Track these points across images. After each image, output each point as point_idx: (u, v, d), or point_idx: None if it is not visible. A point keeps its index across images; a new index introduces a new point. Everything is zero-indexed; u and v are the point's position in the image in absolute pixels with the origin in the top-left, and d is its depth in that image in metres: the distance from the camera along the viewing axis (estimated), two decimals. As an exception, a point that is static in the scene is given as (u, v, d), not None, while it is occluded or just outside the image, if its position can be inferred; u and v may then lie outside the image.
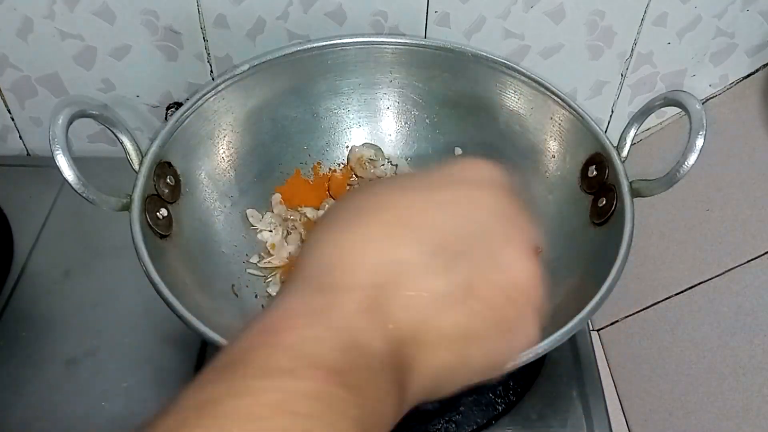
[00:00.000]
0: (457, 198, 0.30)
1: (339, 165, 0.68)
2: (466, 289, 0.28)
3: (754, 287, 0.60)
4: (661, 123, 0.77)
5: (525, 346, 0.30)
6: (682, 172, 0.50)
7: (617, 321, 0.70)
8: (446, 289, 0.28)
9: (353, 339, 0.25)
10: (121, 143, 0.51)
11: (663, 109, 0.55)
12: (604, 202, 0.56)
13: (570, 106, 0.58)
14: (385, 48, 0.63)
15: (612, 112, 0.76)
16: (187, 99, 0.58)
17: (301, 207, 0.65)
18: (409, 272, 0.27)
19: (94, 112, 0.49)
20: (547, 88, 0.60)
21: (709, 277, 0.64)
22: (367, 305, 0.26)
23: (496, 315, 0.29)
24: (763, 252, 0.61)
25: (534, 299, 0.29)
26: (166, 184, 0.55)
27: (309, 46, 0.61)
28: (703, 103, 0.50)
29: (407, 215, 0.29)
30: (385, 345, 0.26)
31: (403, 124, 0.68)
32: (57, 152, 0.46)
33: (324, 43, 0.62)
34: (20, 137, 0.75)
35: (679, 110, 0.52)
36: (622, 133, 0.55)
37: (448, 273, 0.28)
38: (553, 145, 0.61)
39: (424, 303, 0.27)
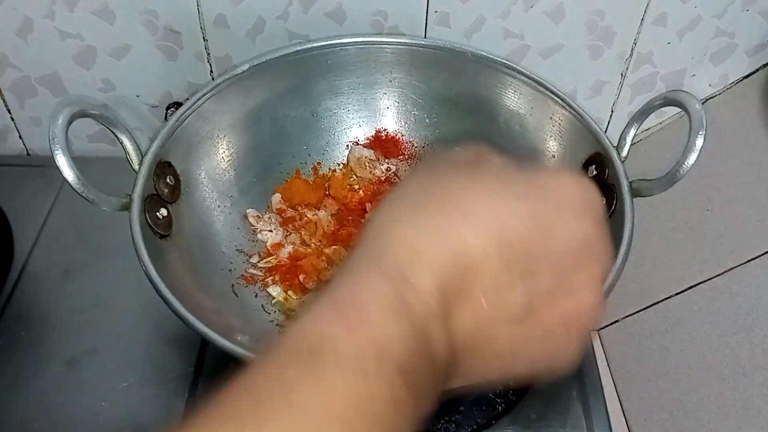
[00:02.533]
0: (543, 215, 0.29)
1: (339, 165, 0.68)
2: (528, 309, 0.28)
3: (754, 287, 0.60)
4: (661, 123, 0.77)
5: (565, 370, 0.30)
6: (682, 172, 0.50)
7: (617, 321, 0.70)
8: (509, 305, 0.28)
9: (423, 342, 0.25)
10: (121, 143, 0.51)
11: (663, 109, 0.55)
12: (603, 202, 0.55)
13: (570, 106, 0.58)
14: (385, 48, 0.63)
15: (612, 112, 0.76)
16: (187, 99, 0.58)
17: (301, 207, 0.65)
18: (475, 277, 0.27)
19: (94, 112, 0.49)
20: (547, 88, 0.60)
21: (709, 277, 0.64)
22: (436, 310, 0.26)
23: (549, 340, 0.29)
24: (763, 252, 0.61)
25: (588, 328, 0.30)
26: (166, 184, 0.55)
27: (309, 46, 0.61)
28: (703, 103, 0.50)
29: (485, 215, 0.28)
30: (444, 351, 0.26)
31: (403, 124, 0.68)
32: (57, 152, 0.46)
33: (324, 43, 0.62)
34: (20, 137, 0.75)
35: (679, 110, 0.51)
36: (622, 133, 0.55)
37: (514, 288, 0.27)
38: (553, 145, 0.61)
39: (485, 315, 0.27)
